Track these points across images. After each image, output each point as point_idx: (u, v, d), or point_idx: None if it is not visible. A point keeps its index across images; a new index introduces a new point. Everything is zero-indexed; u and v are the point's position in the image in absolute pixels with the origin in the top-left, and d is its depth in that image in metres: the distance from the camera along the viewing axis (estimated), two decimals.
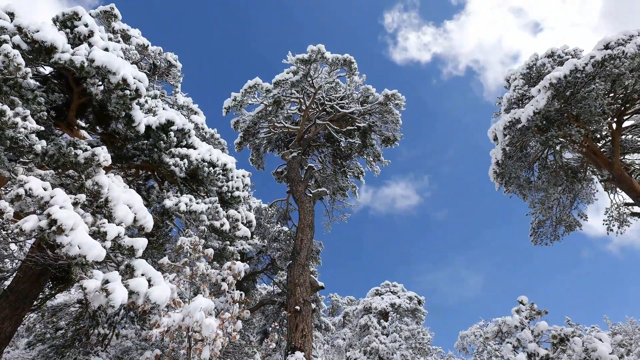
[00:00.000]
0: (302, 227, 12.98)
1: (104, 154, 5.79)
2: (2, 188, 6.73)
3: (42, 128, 6.17)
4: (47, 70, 7.80)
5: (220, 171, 8.83)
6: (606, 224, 17.51)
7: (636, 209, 14.21)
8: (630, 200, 14.36)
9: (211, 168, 8.56)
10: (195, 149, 9.18)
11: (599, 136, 16.04)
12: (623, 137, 16.07)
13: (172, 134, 8.43)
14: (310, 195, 14.42)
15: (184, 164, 8.23)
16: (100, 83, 6.71)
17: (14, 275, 8.87)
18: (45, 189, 4.92)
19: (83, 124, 8.62)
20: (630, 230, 16.97)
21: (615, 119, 14.88)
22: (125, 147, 8.56)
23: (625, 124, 15.52)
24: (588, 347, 8.40)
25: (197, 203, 8.01)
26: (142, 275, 5.38)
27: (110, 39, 11.08)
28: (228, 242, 9.15)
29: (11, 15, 6.32)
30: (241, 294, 7.10)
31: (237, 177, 9.73)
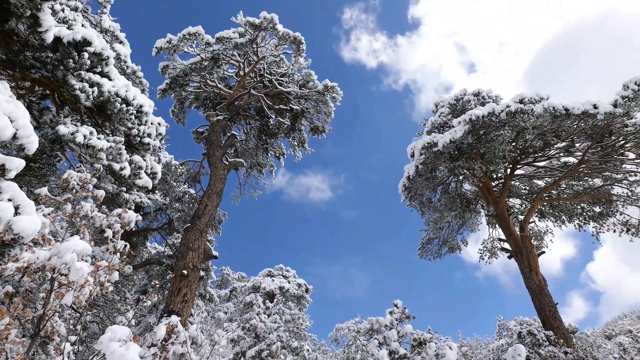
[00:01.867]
0: (210, 193, 12.49)
1: None
2: None
3: None
4: None
5: (134, 112, 8.05)
6: (480, 253, 19.92)
7: (506, 246, 16.36)
8: (504, 237, 16.50)
9: (124, 105, 7.75)
10: (110, 80, 8.23)
11: (495, 176, 18.15)
12: (513, 182, 18.40)
13: (86, 55, 7.43)
14: (227, 163, 13.92)
15: (93, 92, 7.32)
16: None
17: None
18: None
19: None
20: (497, 262, 19.67)
21: (510, 165, 16.95)
22: (23, 53, 7.33)
23: (517, 171, 17.78)
24: (439, 353, 9.50)
25: (99, 139, 7.20)
26: (10, 200, 4.66)
27: None
28: (124, 189, 8.41)
29: None
30: (125, 245, 6.57)
31: (151, 124, 8.98)
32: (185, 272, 10.38)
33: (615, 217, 16.24)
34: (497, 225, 18.58)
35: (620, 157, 14.12)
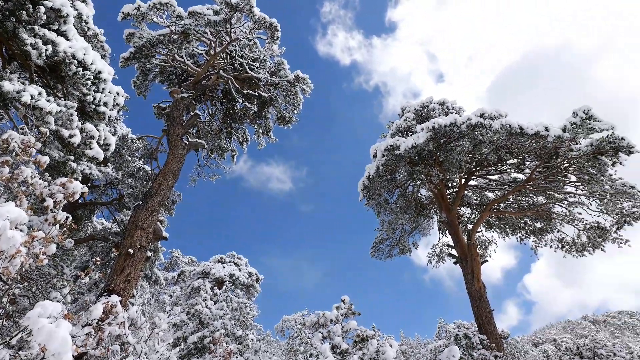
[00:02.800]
0: (166, 171, 12.03)
1: None
2: None
3: None
4: None
5: (91, 77, 7.56)
6: (428, 257, 20.68)
7: (453, 252, 17.09)
8: (452, 243, 17.23)
9: (80, 69, 7.25)
10: (68, 40, 7.68)
11: (450, 185, 18.87)
12: (466, 192, 19.24)
13: (42, 9, 6.88)
14: (187, 143, 13.46)
15: (47, 50, 6.79)
16: None
17: None
18: None
19: None
20: (444, 267, 20.67)
21: (465, 176, 17.70)
22: None
23: (471, 182, 18.59)
24: (379, 350, 9.80)
25: (48, 101, 6.70)
26: None
27: None
28: (72, 158, 7.89)
29: None
30: (67, 217, 6.18)
31: (109, 92, 8.49)
32: (131, 251, 9.96)
33: (553, 234, 17.45)
34: (447, 232, 19.35)
35: (564, 178, 15.15)
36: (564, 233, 17.12)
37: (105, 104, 8.18)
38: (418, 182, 17.56)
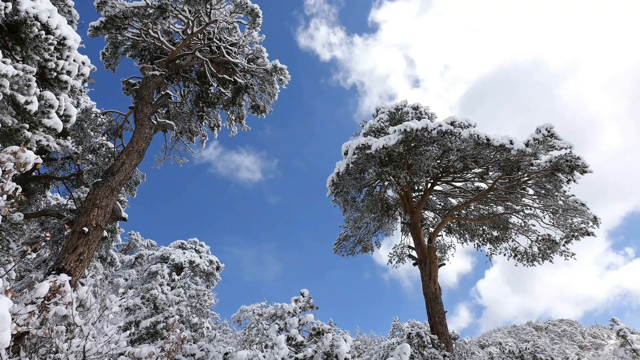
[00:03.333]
0: (131, 150, 11.56)
1: None
2: None
3: None
4: None
5: (55, 42, 7.11)
6: (389, 257, 21.11)
7: (413, 253, 17.53)
8: (413, 245, 17.67)
9: (43, 32, 6.80)
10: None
11: (416, 188, 19.32)
12: (431, 196, 19.76)
13: None
14: (155, 122, 12.98)
15: (6, 8, 6.31)
16: None
17: None
18: None
19: None
20: (403, 268, 21.19)
21: (432, 180, 18.16)
22: None
23: (436, 187, 19.11)
24: (334, 344, 9.92)
25: (4, 62, 6.24)
26: None
27: None
28: (27, 126, 7.41)
29: None
30: (17, 189, 5.82)
31: (74, 61, 8.03)
32: (86, 229, 9.52)
33: (508, 243, 18.25)
34: (409, 233, 19.81)
35: (522, 191, 15.85)
36: (518, 243, 17.94)
37: (69, 73, 7.74)
38: (386, 183, 17.86)
